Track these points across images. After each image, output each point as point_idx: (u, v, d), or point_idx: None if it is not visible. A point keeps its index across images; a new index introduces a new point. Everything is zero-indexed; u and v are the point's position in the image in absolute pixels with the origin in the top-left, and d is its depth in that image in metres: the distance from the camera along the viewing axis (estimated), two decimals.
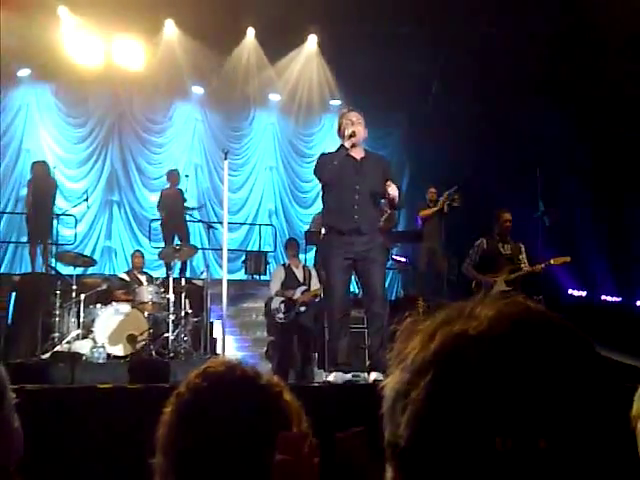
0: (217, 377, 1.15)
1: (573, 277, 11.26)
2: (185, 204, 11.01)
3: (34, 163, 10.82)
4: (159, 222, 11.11)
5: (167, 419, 1.13)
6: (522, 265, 7.50)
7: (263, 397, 1.13)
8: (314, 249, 10.68)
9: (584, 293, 11.55)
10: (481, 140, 11.47)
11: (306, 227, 11.58)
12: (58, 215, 10.26)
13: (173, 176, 11.05)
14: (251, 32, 12.77)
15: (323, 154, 5.64)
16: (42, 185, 10.28)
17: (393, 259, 11.10)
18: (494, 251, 7.55)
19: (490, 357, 0.68)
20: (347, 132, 5.29)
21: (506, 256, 7.54)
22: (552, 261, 7.44)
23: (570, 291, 11.44)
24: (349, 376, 5.43)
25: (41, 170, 10.50)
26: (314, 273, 8.46)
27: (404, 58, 12.05)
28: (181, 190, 10.91)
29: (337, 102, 13.65)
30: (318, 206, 13.07)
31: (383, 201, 5.65)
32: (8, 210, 12.30)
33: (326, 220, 5.54)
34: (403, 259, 11.44)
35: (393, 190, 5.19)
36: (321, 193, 5.68)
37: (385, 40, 11.77)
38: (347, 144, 5.28)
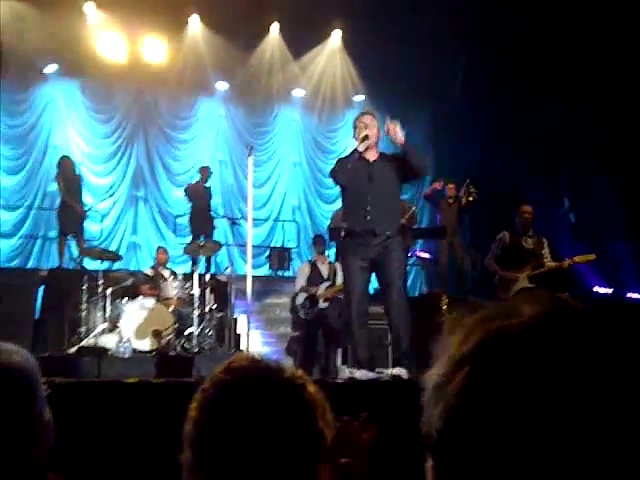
0: (241, 371, 1.16)
1: (598, 274, 11.16)
2: (210, 202, 11.06)
3: (62, 158, 10.90)
4: (188, 217, 11.15)
5: (193, 415, 1.14)
6: (545, 260, 7.33)
7: (287, 390, 1.15)
8: (335, 245, 10.70)
9: (610, 290, 11.44)
10: (505, 137, 11.41)
11: (328, 222, 11.59)
12: (85, 210, 10.33)
13: (203, 172, 11.11)
14: (275, 27, 12.79)
15: (339, 159, 5.68)
16: (70, 180, 10.36)
17: (416, 255, 11.08)
18: (516, 245, 7.40)
19: (527, 356, 0.68)
20: (361, 135, 5.34)
21: (529, 250, 7.38)
22: (576, 259, 7.30)
23: (595, 288, 11.34)
24: (373, 374, 5.46)
25: (69, 165, 10.58)
26: (339, 269, 8.47)
27: (428, 55, 12.01)
28: (207, 188, 10.97)
29: (361, 98, 13.64)
30: (340, 202, 13.08)
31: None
32: (35, 205, 12.46)
33: (345, 222, 5.59)
34: (426, 255, 11.41)
35: (393, 128, 5.21)
36: (340, 196, 5.76)
37: (409, 36, 11.73)
38: (360, 148, 5.33)
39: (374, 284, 11.88)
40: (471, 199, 9.25)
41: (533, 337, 0.69)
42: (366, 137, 5.30)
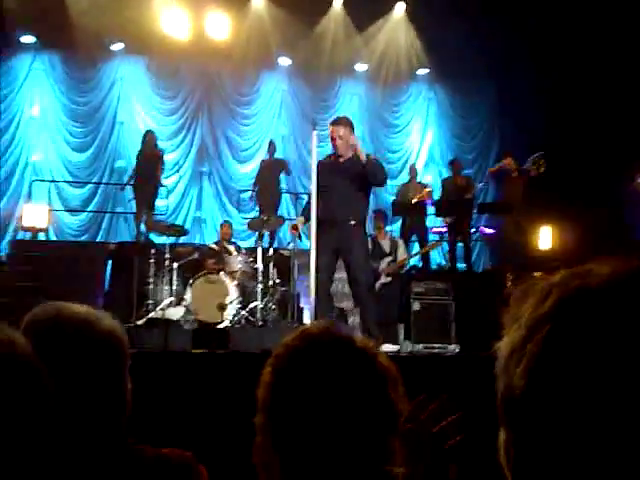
0: (314, 338, 1.17)
1: None
2: (288, 172, 11.10)
3: (146, 132, 11.04)
4: (255, 192, 11.25)
5: (265, 379, 1.16)
6: None
7: (360, 358, 1.15)
8: (400, 219, 10.65)
9: None
10: (571, 107, 11.10)
11: (392, 198, 11.53)
12: (159, 186, 10.41)
13: (270, 146, 11.24)
14: (339, 0, 12.70)
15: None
16: (150, 155, 10.46)
17: (480, 231, 10.95)
18: None
19: (609, 312, 0.68)
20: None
21: None
22: None
23: None
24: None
25: (151, 140, 10.67)
26: (401, 244, 8.43)
27: (493, 26, 11.75)
28: (279, 160, 11.04)
29: (425, 71, 13.47)
30: (404, 177, 12.99)
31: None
32: (104, 181, 12.75)
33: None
34: (490, 231, 11.27)
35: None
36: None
37: (475, 7, 11.50)
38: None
39: (436, 261, 11.76)
40: (542, 170, 8.99)
41: (615, 293, 0.69)
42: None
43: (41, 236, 11.20)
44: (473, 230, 10.45)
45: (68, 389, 1.28)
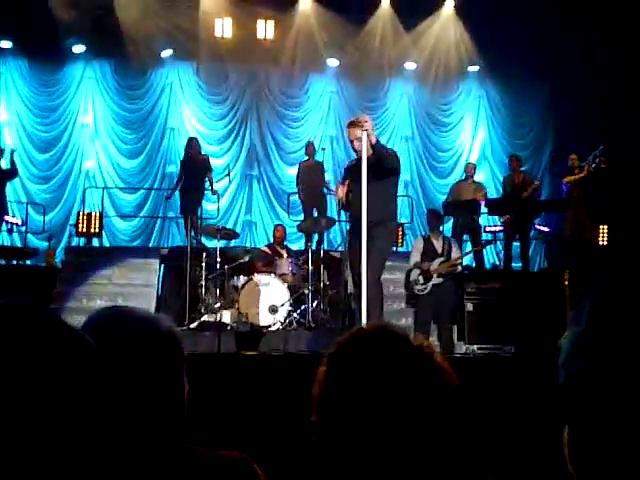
0: (368, 337, 1.15)
1: None
2: (323, 176, 11.04)
3: (189, 140, 11.03)
4: (298, 194, 11.21)
5: (320, 378, 1.15)
6: None
7: (415, 357, 1.13)
8: (451, 219, 10.51)
9: None
10: (627, 102, 10.83)
11: (443, 197, 11.40)
12: (204, 191, 10.42)
13: (309, 148, 11.17)
14: (386, 0, 12.63)
15: None
16: (194, 162, 10.49)
17: (535, 229, 10.74)
18: None
19: None
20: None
21: None
22: None
23: None
24: None
25: (195, 147, 10.70)
26: (454, 243, 8.31)
27: (546, 22, 11.53)
28: (319, 162, 10.96)
29: (475, 68, 13.29)
30: (455, 176, 12.83)
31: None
32: (155, 186, 12.90)
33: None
34: (545, 229, 11.06)
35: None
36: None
37: (525, 4, 11.30)
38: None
39: (489, 261, 11.61)
40: (602, 166, 8.76)
41: None
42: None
43: (95, 242, 11.36)
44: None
45: (129, 386, 1.29)
